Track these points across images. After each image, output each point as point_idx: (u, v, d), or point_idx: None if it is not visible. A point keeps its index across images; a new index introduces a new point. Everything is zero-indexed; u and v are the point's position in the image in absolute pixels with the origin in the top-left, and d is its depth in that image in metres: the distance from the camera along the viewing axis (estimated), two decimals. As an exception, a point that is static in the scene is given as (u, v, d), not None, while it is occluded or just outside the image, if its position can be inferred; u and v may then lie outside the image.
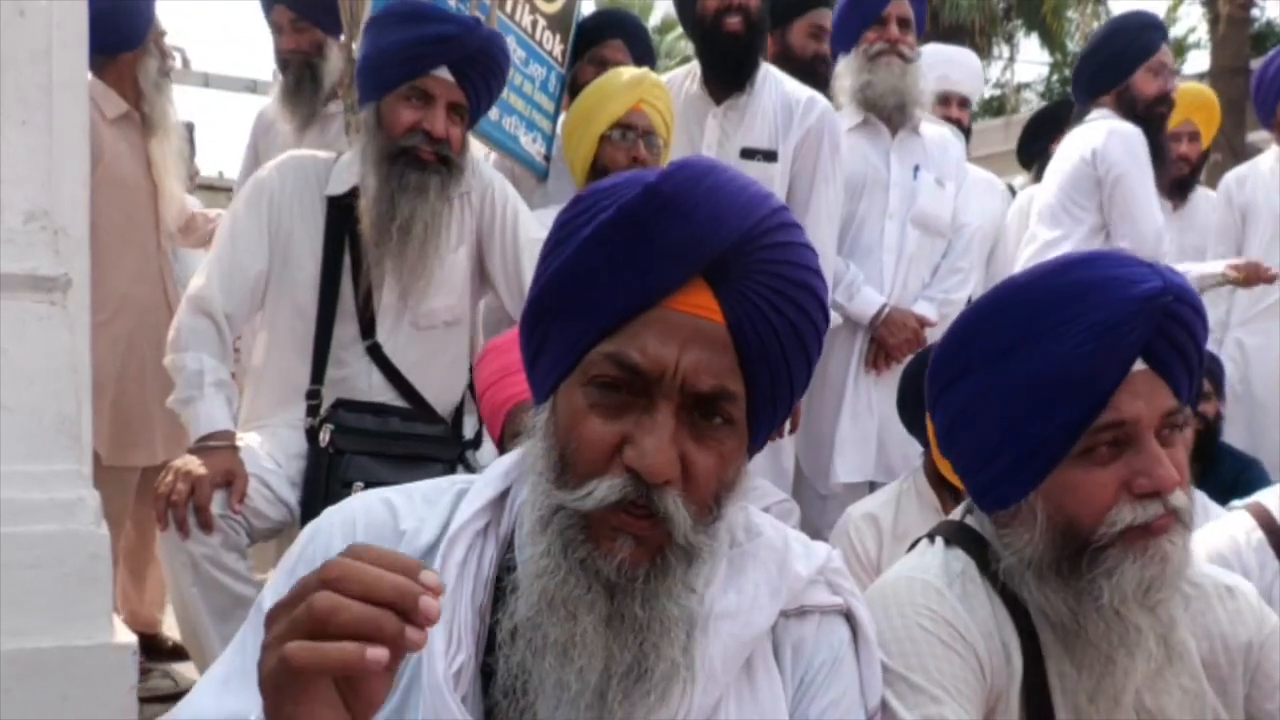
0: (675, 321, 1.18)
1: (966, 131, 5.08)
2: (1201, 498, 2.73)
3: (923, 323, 3.88)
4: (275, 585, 1.29)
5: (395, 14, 2.94)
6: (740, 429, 1.22)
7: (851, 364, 3.94)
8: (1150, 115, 4.44)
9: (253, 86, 8.43)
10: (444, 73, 2.89)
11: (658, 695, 1.16)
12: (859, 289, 3.89)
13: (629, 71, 3.52)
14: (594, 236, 1.21)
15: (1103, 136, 4.37)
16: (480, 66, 2.93)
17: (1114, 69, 4.50)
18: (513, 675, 1.18)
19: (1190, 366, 1.45)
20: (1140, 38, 4.49)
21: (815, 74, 4.22)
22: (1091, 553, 1.43)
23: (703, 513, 1.18)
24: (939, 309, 3.98)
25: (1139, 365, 1.41)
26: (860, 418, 3.88)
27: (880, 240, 3.99)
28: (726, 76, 3.79)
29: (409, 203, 2.85)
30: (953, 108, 5.06)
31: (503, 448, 2.38)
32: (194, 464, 2.66)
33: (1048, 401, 1.43)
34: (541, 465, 1.21)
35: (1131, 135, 4.37)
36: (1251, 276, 4.48)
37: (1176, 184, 5.23)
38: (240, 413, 3.01)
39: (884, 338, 3.86)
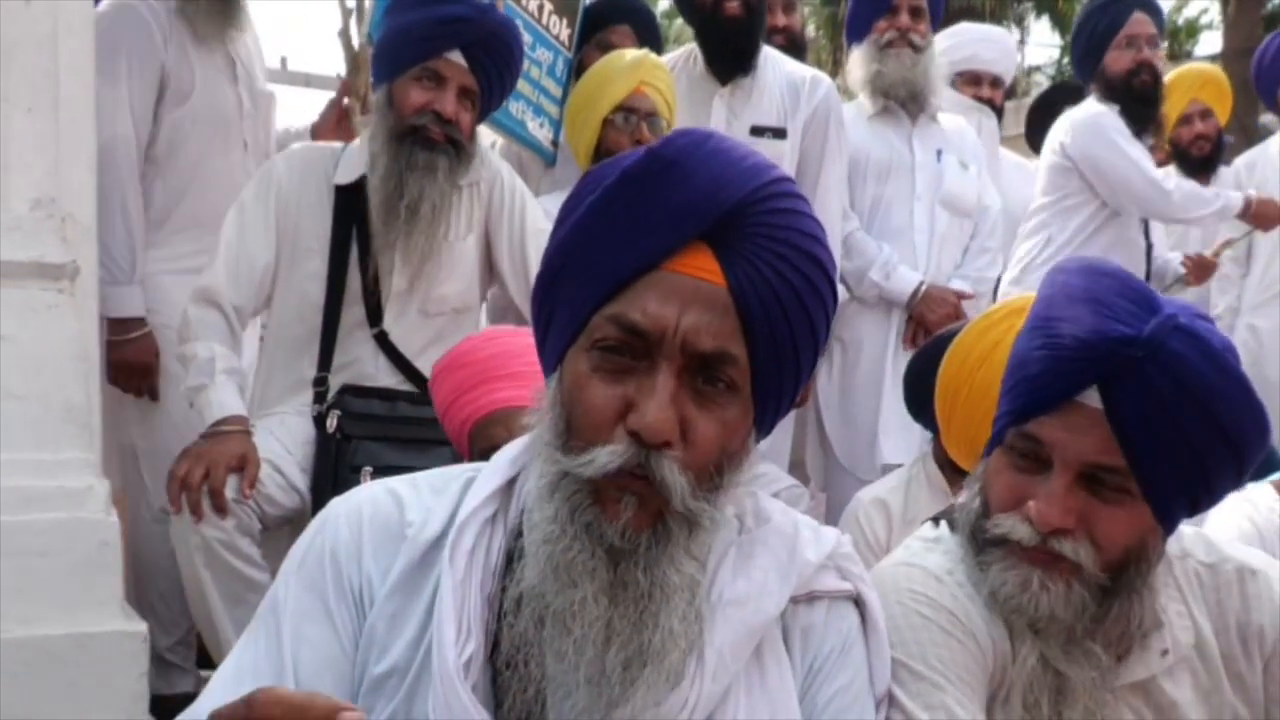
0: (676, 283, 1.18)
1: (999, 111, 5.05)
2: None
3: (961, 296, 3.89)
4: (286, 577, 1.29)
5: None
6: (744, 397, 1.21)
7: (889, 345, 3.97)
8: (1132, 88, 4.43)
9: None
10: (457, 56, 2.90)
11: (655, 668, 1.15)
12: (895, 267, 3.92)
13: (629, 54, 3.52)
14: (597, 202, 1.22)
15: (1066, 131, 4.42)
16: (493, 51, 2.93)
17: (1090, 53, 4.51)
18: (515, 646, 1.19)
19: (1159, 443, 1.35)
20: (1106, 16, 4.48)
21: (771, 46, 4.21)
22: (984, 539, 1.46)
23: (702, 479, 1.18)
24: (973, 286, 4.01)
25: (1093, 402, 1.38)
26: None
27: (910, 222, 4.02)
28: (728, 61, 3.79)
29: (417, 182, 2.86)
30: (984, 87, 5.01)
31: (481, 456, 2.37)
32: (207, 448, 2.68)
33: (1009, 387, 1.47)
34: (549, 434, 1.21)
35: (1092, 117, 4.40)
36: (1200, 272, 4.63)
37: (1199, 164, 5.21)
38: (250, 402, 3.01)
39: (924, 314, 3.89)
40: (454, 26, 2.88)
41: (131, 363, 3.31)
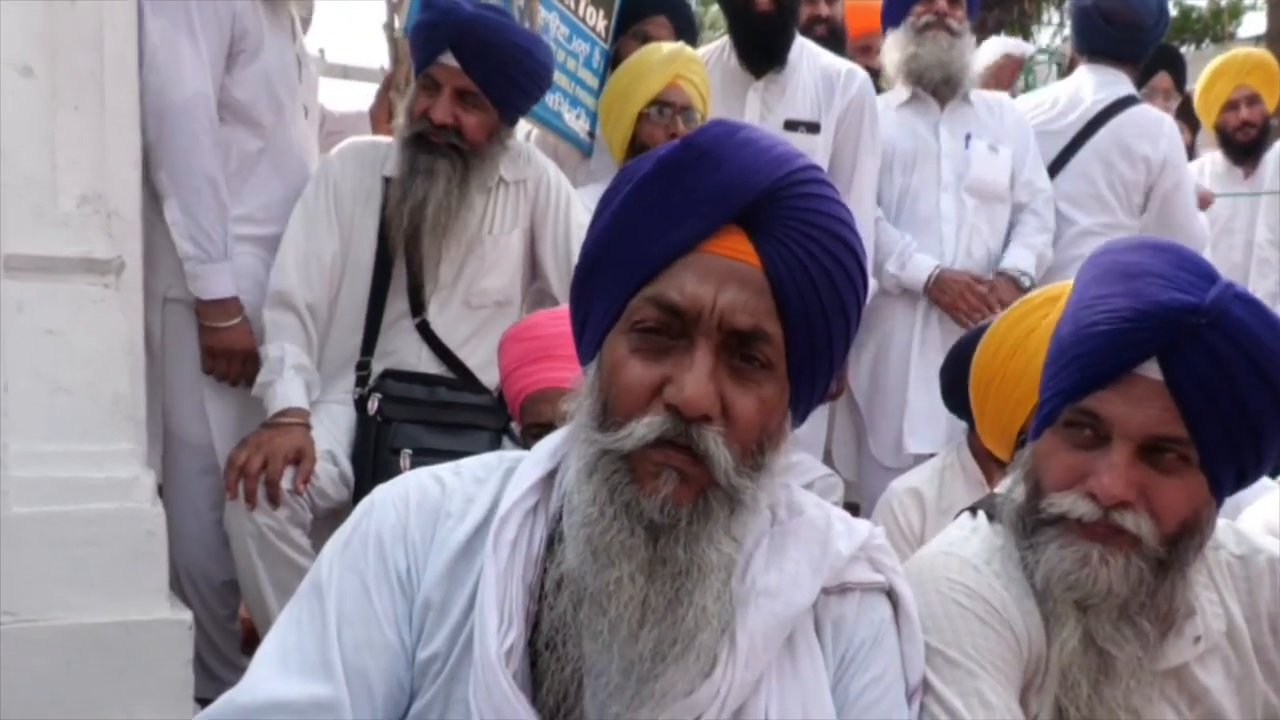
0: (712, 264, 1.21)
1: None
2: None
3: (977, 280, 3.87)
4: (329, 559, 1.31)
5: (419, 5, 3.03)
6: (780, 376, 1.24)
7: (914, 334, 3.94)
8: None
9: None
10: (449, 59, 2.92)
11: (685, 644, 1.17)
12: (911, 256, 3.89)
13: (666, 47, 3.52)
14: (634, 190, 1.26)
15: (1166, 140, 4.20)
16: (476, 50, 2.92)
17: (1154, 37, 4.42)
18: (554, 628, 1.22)
19: (1220, 411, 1.36)
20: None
21: (812, 37, 4.19)
22: (1035, 521, 1.46)
23: (745, 456, 1.20)
24: (1037, 259, 3.97)
25: (1153, 374, 1.38)
26: (930, 387, 3.79)
27: (937, 211, 3.97)
28: (758, 55, 3.78)
29: (421, 186, 2.92)
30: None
31: (524, 435, 2.43)
32: (267, 438, 2.75)
33: (1060, 366, 1.47)
34: (586, 417, 1.24)
35: (1175, 133, 4.25)
36: None
37: (1244, 150, 5.16)
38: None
39: (938, 299, 3.87)
40: (433, 32, 2.92)
41: (231, 348, 3.00)
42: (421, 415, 2.98)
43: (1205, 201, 4.64)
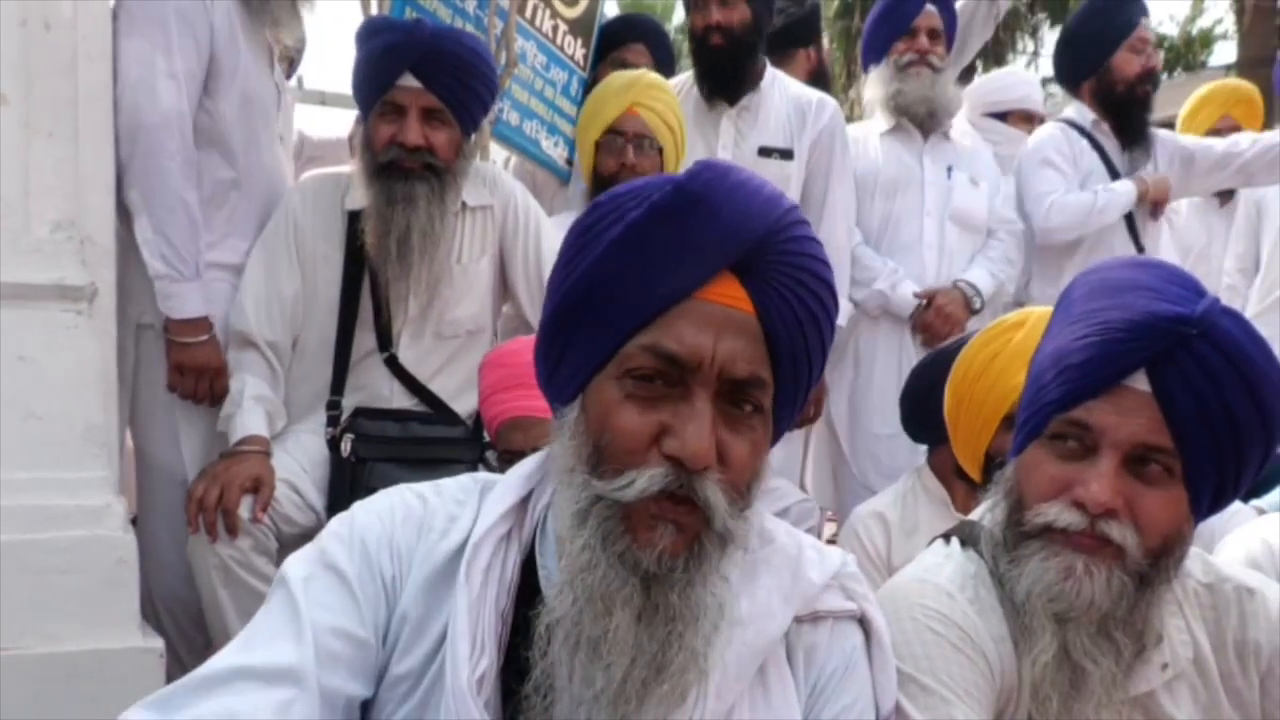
0: (709, 312, 1.21)
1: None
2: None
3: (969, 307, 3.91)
4: (304, 557, 1.29)
5: (359, 33, 2.98)
6: (768, 417, 1.26)
7: (901, 354, 3.97)
8: (1133, 97, 4.33)
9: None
10: (409, 80, 2.87)
11: (672, 685, 1.18)
12: (901, 280, 3.94)
13: (626, 75, 3.53)
14: (624, 236, 1.24)
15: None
16: (439, 65, 2.88)
17: (1094, 51, 4.36)
18: (545, 674, 1.21)
19: (1207, 420, 1.38)
20: (1119, 15, 4.34)
21: (826, 83, 4.25)
22: (1019, 534, 1.47)
23: (737, 499, 1.21)
24: (994, 282, 4.01)
25: (1141, 385, 1.40)
26: None
27: (920, 237, 4.04)
28: (716, 87, 3.83)
29: (402, 215, 2.87)
30: (1035, 123, 4.97)
31: (499, 459, 2.44)
32: (223, 468, 2.73)
33: (1047, 380, 1.48)
34: (574, 461, 1.23)
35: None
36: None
37: None
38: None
39: (930, 322, 3.91)
40: (391, 56, 2.86)
41: (201, 365, 2.94)
42: (396, 453, 2.95)
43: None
